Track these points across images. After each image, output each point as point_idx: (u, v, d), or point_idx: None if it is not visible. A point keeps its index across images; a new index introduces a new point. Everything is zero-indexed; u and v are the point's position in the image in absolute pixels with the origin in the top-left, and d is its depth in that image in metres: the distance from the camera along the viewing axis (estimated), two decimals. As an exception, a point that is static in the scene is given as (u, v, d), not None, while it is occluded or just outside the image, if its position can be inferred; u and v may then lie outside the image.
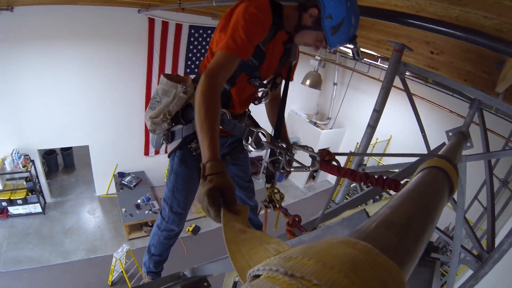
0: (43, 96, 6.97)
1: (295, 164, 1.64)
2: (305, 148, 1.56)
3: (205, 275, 1.99)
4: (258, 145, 1.45)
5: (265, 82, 1.81)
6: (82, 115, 7.66)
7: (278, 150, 1.66)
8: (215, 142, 1.08)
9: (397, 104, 7.12)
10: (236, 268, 0.62)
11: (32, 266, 6.70)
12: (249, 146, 1.45)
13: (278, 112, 1.94)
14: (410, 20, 2.06)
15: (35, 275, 6.52)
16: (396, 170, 2.94)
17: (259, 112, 2.18)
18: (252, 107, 2.02)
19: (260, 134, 1.61)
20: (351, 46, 1.59)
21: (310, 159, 1.54)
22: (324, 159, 1.45)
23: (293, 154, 1.64)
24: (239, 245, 0.71)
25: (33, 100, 6.93)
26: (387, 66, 3.07)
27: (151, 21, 6.97)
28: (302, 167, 1.54)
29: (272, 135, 1.66)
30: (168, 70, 7.80)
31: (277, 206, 1.97)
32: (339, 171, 1.41)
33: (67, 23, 6.41)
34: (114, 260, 6.18)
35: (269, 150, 1.70)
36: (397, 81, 2.94)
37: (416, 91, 6.42)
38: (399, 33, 3.27)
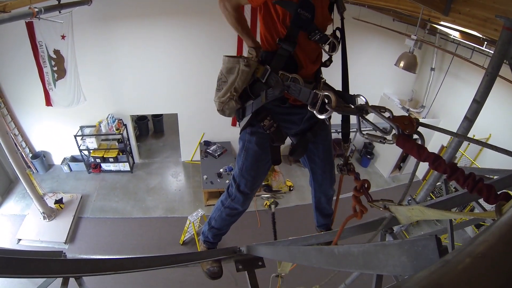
0: (136, 67, 7.70)
1: (370, 131, 1.35)
2: (379, 111, 1.26)
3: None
4: (324, 110, 1.29)
5: (326, 33, 1.68)
6: (172, 85, 8.24)
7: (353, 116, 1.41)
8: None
9: (503, 98, 6.14)
10: None
11: (115, 216, 7.74)
12: (315, 112, 1.31)
13: (342, 66, 1.80)
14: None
15: (116, 224, 7.52)
16: (494, 177, 2.54)
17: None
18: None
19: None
20: None
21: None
22: (404, 133, 1.14)
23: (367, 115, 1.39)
24: None
25: (128, 71, 7.71)
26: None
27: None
28: (376, 138, 1.24)
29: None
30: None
31: (351, 170, 1.84)
32: (419, 153, 1.08)
33: (158, 2, 6.87)
34: (188, 222, 6.71)
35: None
36: (504, 71, 2.48)
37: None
38: (509, 10, 2.67)
